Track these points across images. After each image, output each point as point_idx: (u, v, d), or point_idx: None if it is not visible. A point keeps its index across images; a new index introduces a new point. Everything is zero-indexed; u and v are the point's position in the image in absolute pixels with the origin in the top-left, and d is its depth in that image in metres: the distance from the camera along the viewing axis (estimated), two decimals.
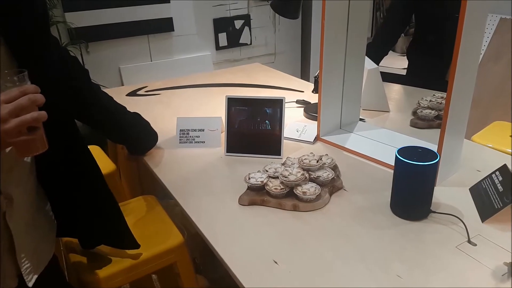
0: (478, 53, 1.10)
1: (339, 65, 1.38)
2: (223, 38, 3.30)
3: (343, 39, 1.35)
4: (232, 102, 1.35)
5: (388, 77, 2.19)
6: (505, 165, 1.05)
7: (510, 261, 0.84)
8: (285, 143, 1.40)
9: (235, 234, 0.99)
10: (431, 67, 1.99)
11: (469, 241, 0.93)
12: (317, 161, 1.14)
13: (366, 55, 1.73)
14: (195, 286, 1.36)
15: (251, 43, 3.47)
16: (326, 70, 1.34)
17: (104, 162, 1.64)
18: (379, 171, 1.24)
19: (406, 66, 2.24)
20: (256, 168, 1.18)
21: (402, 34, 2.26)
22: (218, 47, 3.31)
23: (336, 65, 1.37)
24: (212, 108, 1.24)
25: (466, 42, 0.99)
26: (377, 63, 2.08)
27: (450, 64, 1.01)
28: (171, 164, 1.34)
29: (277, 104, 1.33)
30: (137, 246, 1.10)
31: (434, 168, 0.97)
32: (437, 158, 0.96)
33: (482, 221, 1.00)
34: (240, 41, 3.41)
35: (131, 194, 1.74)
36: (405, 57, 2.23)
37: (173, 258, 1.21)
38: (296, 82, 2.09)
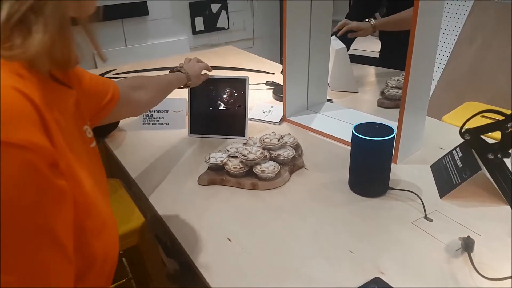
0: (437, 31, 1.09)
1: (304, 45, 1.36)
2: (199, 22, 3.25)
3: (306, 18, 1.33)
4: None
5: (362, 60, 2.19)
6: (464, 141, 1.05)
7: (465, 236, 0.83)
8: (251, 124, 1.39)
9: (191, 213, 0.98)
10: (402, 48, 1.98)
11: (425, 217, 0.93)
12: (278, 140, 1.12)
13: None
14: (162, 269, 1.34)
15: (228, 28, 3.43)
16: (289, 50, 1.32)
17: None
18: (341, 149, 1.23)
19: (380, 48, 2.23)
20: (220, 149, 1.16)
21: (378, 14, 2.24)
22: (194, 32, 3.27)
23: (300, 45, 1.35)
24: (177, 89, 1.22)
25: (423, 19, 0.98)
26: (350, 44, 2.07)
27: None
28: (133, 146, 1.32)
29: (241, 83, 1.31)
30: None
31: (390, 144, 0.96)
32: (393, 133, 0.95)
33: (441, 197, 1.00)
34: (218, 26, 3.37)
35: None
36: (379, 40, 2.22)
37: (134, 240, 1.19)
38: (268, 65, 2.07)
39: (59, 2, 0.51)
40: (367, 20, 1.80)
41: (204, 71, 1.31)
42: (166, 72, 1.27)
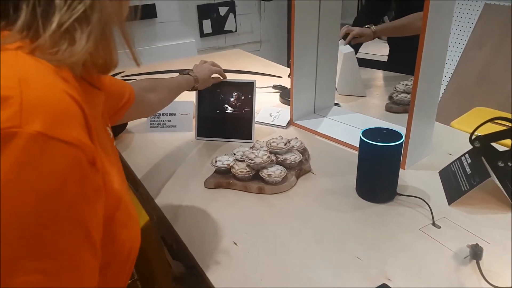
0: (447, 35, 1.08)
1: (312, 49, 1.36)
2: (207, 25, 3.26)
3: (315, 22, 1.33)
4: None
5: (370, 63, 2.18)
6: (474, 147, 1.04)
7: (473, 243, 0.82)
8: (258, 128, 1.39)
9: (197, 216, 0.98)
10: (411, 52, 1.98)
11: (433, 224, 0.92)
12: (285, 144, 1.12)
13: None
14: (168, 271, 1.34)
15: (236, 31, 3.43)
16: (297, 54, 1.32)
17: None
18: (349, 154, 1.22)
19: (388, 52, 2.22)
20: (226, 153, 1.16)
21: (386, 18, 2.23)
22: (202, 34, 3.27)
23: (308, 49, 1.35)
24: (185, 92, 1.23)
25: (432, 23, 0.98)
26: (358, 48, 2.07)
27: None
28: (140, 148, 1.32)
29: (248, 87, 1.31)
30: None
31: (399, 150, 0.95)
32: (402, 139, 0.94)
33: (449, 204, 0.99)
34: (225, 28, 3.37)
35: None
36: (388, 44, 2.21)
37: (141, 241, 1.18)
38: (275, 68, 2.07)
39: (103, 12, 0.54)
40: (367, 26, 1.80)
41: (215, 75, 1.32)
42: (174, 74, 1.28)
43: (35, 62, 0.49)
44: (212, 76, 1.31)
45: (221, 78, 1.33)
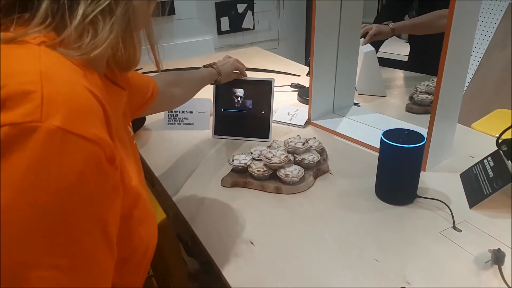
0: (472, 35, 1.06)
1: (332, 47, 1.34)
2: (225, 22, 3.26)
3: (336, 20, 1.31)
4: (220, 84, 1.32)
5: (391, 63, 2.15)
6: (497, 150, 1.02)
7: (495, 248, 0.80)
8: (275, 127, 1.38)
9: (214, 215, 0.97)
10: (432, 52, 1.95)
11: (454, 227, 0.90)
12: (303, 144, 1.11)
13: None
14: (183, 268, 1.34)
15: (254, 28, 3.42)
16: (317, 52, 1.31)
17: None
18: (368, 155, 1.21)
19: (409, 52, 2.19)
20: (243, 151, 1.16)
21: (407, 17, 2.20)
22: (220, 32, 3.27)
23: (328, 47, 1.34)
24: (203, 90, 1.22)
25: (457, 23, 0.95)
26: (378, 47, 2.04)
27: None
28: (157, 145, 1.32)
29: (267, 86, 1.30)
30: None
31: (420, 151, 0.93)
32: (423, 141, 0.92)
33: (470, 207, 0.97)
34: (243, 26, 3.36)
35: None
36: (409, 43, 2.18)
37: (158, 237, 1.19)
38: (294, 66, 2.06)
39: (129, 6, 0.54)
40: (386, 23, 1.77)
41: (236, 71, 1.32)
42: None
43: (58, 57, 0.49)
44: (234, 71, 1.31)
45: (242, 75, 1.33)
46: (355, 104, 1.52)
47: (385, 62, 1.97)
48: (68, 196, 0.44)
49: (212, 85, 1.31)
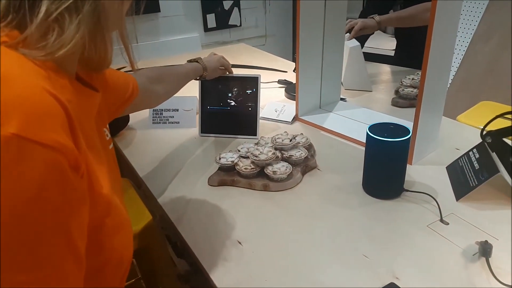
0: (456, 28, 1.06)
1: (317, 43, 1.34)
2: (211, 19, 3.24)
3: (321, 16, 1.31)
4: (206, 81, 1.30)
5: (376, 58, 2.15)
6: (482, 142, 1.02)
7: (482, 240, 0.81)
8: (263, 124, 1.37)
9: (201, 215, 0.96)
10: (418, 46, 1.96)
11: (441, 220, 0.90)
12: (290, 140, 1.10)
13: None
14: (171, 269, 1.34)
15: (240, 25, 3.41)
16: (303, 48, 1.30)
17: None
18: (355, 150, 1.21)
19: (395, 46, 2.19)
20: (230, 149, 1.15)
21: (392, 11, 2.20)
22: (206, 29, 3.25)
23: (314, 43, 1.33)
24: (188, 87, 1.21)
25: (440, 16, 0.95)
26: (364, 42, 2.04)
27: None
28: (142, 145, 1.30)
29: (253, 82, 1.29)
30: None
31: (406, 145, 0.93)
32: (409, 134, 0.92)
33: (457, 200, 0.97)
34: (230, 23, 3.35)
35: None
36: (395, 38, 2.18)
37: (144, 240, 1.18)
38: (280, 62, 2.05)
39: (97, 2, 0.51)
40: (371, 16, 1.76)
41: (222, 67, 1.30)
42: None
43: (18, 59, 0.47)
44: (219, 68, 1.29)
45: (228, 72, 1.32)
46: (341, 99, 1.52)
47: (371, 57, 1.97)
48: (29, 209, 0.42)
49: (198, 82, 1.30)
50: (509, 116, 0.94)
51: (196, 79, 1.24)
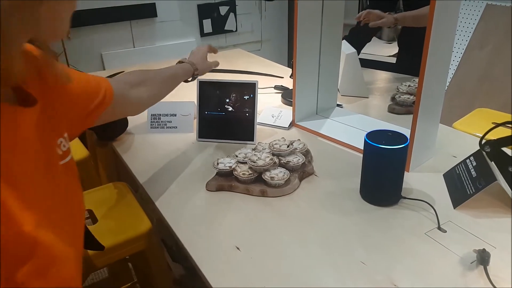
0: (453, 36, 1.07)
1: (314, 49, 1.34)
2: (207, 24, 3.24)
3: (318, 22, 1.31)
4: (204, 86, 1.31)
5: (372, 64, 2.16)
6: (479, 150, 1.03)
7: (480, 248, 0.81)
8: (260, 129, 1.37)
9: (199, 220, 0.96)
10: (417, 54, 1.97)
11: (439, 228, 0.90)
12: (288, 146, 1.10)
13: (349, 40, 1.69)
14: (167, 274, 1.33)
15: (236, 30, 3.41)
16: (300, 54, 1.30)
17: (77, 148, 1.60)
18: (352, 156, 1.21)
19: (397, 53, 2.19)
20: (228, 155, 1.15)
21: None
22: (202, 34, 3.25)
23: (311, 49, 1.34)
24: (186, 93, 1.21)
25: (438, 22, 0.96)
26: (360, 49, 2.05)
27: None
28: (140, 149, 1.30)
29: (250, 88, 1.29)
30: (101, 247, 1.03)
31: (404, 152, 0.94)
32: (407, 142, 0.93)
33: (454, 208, 0.97)
34: (226, 28, 3.35)
35: (108, 181, 1.70)
36: (391, 44, 2.20)
37: (141, 245, 1.17)
38: (277, 68, 2.05)
39: None
40: (388, 12, 1.76)
41: (211, 58, 1.28)
42: None
43: None
44: (210, 63, 1.26)
45: (216, 54, 1.31)
46: (338, 105, 1.53)
47: (367, 64, 1.98)
48: None
49: (196, 87, 1.30)
50: (509, 125, 0.94)
51: (189, 79, 1.22)
